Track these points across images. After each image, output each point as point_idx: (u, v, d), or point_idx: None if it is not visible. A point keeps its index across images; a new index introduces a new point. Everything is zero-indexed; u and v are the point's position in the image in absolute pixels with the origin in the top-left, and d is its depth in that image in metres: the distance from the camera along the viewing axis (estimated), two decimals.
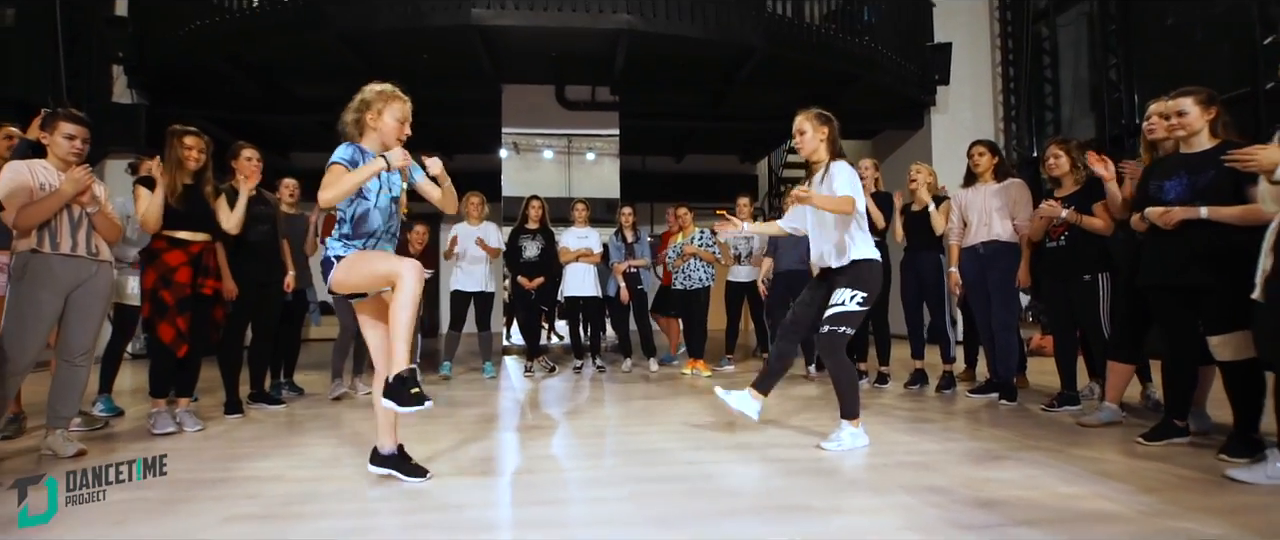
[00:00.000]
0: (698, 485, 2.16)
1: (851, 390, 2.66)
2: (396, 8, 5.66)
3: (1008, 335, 3.57)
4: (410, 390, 1.92)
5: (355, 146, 2.14)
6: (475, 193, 5.10)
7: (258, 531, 1.77)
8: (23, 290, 2.51)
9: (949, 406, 3.61)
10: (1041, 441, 2.70)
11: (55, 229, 2.58)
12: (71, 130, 2.65)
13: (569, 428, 3.16)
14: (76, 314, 2.65)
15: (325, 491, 2.12)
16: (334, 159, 2.07)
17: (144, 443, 2.83)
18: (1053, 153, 3.33)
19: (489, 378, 4.96)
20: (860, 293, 2.62)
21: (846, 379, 2.65)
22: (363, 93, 2.18)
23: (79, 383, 2.69)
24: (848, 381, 2.65)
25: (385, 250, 2.20)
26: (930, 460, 2.43)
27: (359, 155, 2.13)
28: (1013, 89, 8.25)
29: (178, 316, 2.96)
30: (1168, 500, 1.93)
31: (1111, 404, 2.96)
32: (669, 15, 5.89)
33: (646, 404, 3.80)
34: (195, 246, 3.05)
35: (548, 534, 1.75)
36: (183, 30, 6.43)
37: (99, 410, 3.39)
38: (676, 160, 11.15)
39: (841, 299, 2.63)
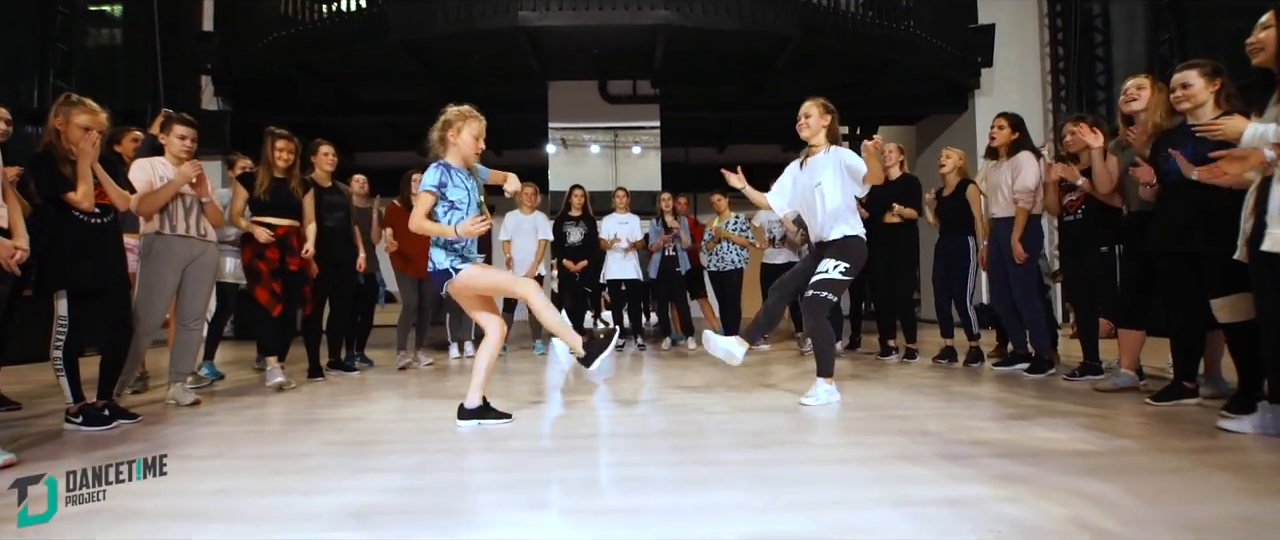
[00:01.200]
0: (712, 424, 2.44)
1: (828, 350, 2.93)
2: (450, 14, 6.11)
3: (1029, 307, 3.65)
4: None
5: (442, 167, 2.49)
6: (530, 183, 5.44)
7: (350, 451, 2.16)
8: (150, 266, 3.01)
9: (971, 377, 3.74)
10: (1053, 404, 2.84)
11: (172, 214, 3.07)
12: (183, 132, 3.14)
13: (606, 390, 3.48)
14: (191, 285, 3.14)
15: (398, 429, 2.51)
16: (424, 186, 2.46)
17: (243, 398, 3.31)
18: (1068, 129, 3.41)
19: (539, 354, 5.34)
20: (844, 263, 2.88)
21: (825, 340, 2.92)
22: (445, 113, 2.56)
23: (194, 343, 3.19)
24: (826, 342, 2.92)
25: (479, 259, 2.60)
26: (936, 414, 2.62)
27: (446, 175, 2.48)
28: (1062, 69, 8.08)
29: (273, 282, 3.46)
30: (1146, 445, 2.08)
31: (1127, 369, 3.05)
32: (705, 9, 6.12)
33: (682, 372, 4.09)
34: (280, 229, 3.52)
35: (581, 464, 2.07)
36: (261, 42, 7.10)
37: (204, 373, 3.93)
38: (719, 150, 11.33)
39: (826, 267, 2.89)
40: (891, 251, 4.41)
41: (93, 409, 2.56)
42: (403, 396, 3.29)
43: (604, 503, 1.63)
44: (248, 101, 7.99)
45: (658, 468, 1.90)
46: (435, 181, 2.45)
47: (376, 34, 6.33)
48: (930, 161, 7.82)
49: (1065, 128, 3.41)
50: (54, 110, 2.54)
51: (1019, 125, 3.76)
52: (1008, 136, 3.71)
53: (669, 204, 5.64)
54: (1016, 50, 8.19)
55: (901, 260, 4.45)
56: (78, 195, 2.49)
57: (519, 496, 1.67)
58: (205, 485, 1.79)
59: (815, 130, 3.01)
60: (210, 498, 1.68)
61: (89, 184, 2.54)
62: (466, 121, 2.53)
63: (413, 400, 3.17)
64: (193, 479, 1.85)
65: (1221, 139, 2.12)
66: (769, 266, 5.49)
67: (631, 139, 8.35)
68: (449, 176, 2.49)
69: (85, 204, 2.52)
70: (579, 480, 1.81)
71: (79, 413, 2.54)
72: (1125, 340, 3.03)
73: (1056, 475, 1.71)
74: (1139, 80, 3.00)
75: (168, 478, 1.80)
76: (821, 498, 1.59)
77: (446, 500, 1.64)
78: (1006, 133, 3.72)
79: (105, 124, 2.67)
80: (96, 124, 2.58)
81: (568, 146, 8.46)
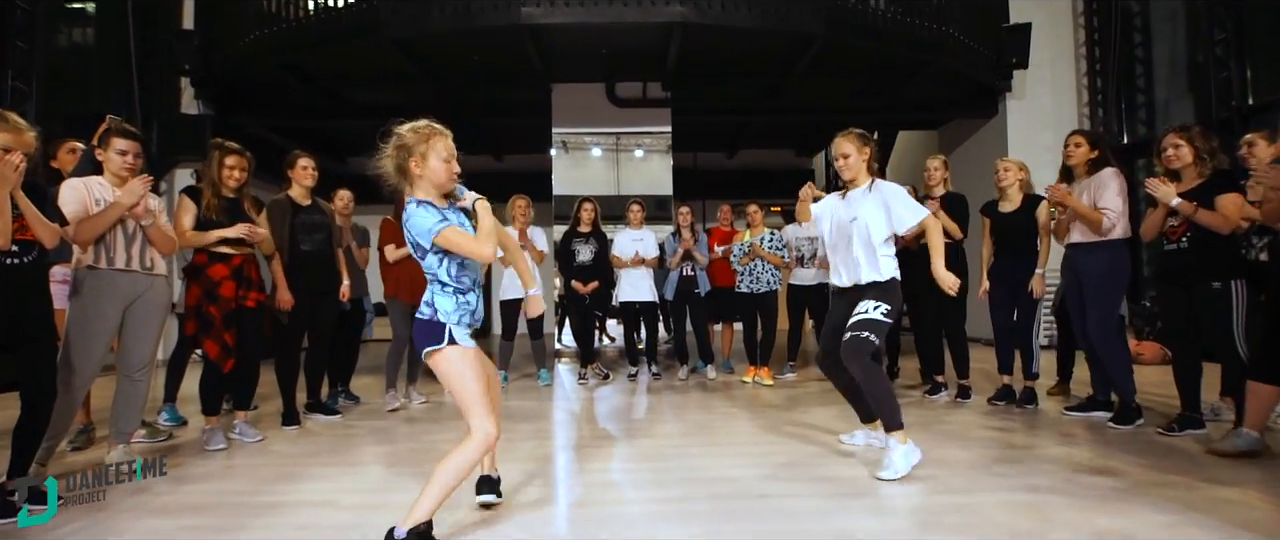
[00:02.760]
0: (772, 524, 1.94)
1: (888, 397, 2.49)
2: (447, 9, 5.60)
3: (1110, 349, 3.16)
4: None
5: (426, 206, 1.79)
6: (521, 197, 4.92)
7: None
8: (83, 304, 2.51)
9: (1041, 426, 3.25)
10: (1165, 475, 2.35)
11: (110, 244, 2.57)
12: (124, 145, 2.64)
13: (629, 449, 2.98)
14: (134, 328, 2.64)
15: (378, 522, 2.00)
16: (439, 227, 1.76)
17: (203, 457, 2.81)
18: (1172, 142, 2.93)
19: (544, 385, 4.84)
20: (886, 305, 2.57)
21: (879, 385, 2.51)
22: (398, 135, 1.84)
23: (139, 396, 2.68)
24: (881, 388, 2.51)
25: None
26: (1023, 497, 2.13)
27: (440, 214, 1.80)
28: (1099, 71, 7.60)
29: (224, 332, 2.95)
30: None
31: (1251, 430, 2.57)
32: (724, 6, 5.62)
33: (706, 418, 3.59)
34: (237, 259, 3.02)
35: None
36: (244, 41, 6.58)
37: (164, 421, 3.43)
38: (729, 156, 10.85)
39: (866, 307, 2.57)
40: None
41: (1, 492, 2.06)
42: (388, 462, 2.77)
43: None
44: (231, 104, 7.46)
45: None
46: (436, 223, 1.76)
47: (367, 31, 5.82)
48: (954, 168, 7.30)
49: (1167, 139, 2.93)
50: None
51: (1100, 142, 3.30)
52: (1087, 154, 3.25)
53: (687, 218, 5.14)
54: (1049, 51, 7.71)
55: None
56: None
57: None
58: None
59: (856, 170, 2.68)
60: None
61: (6, 217, 2.04)
62: (431, 142, 1.81)
63: (399, 469, 2.65)
64: None
65: None
66: (796, 288, 5.01)
67: (634, 142, 7.86)
68: (444, 214, 1.81)
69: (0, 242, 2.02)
70: None
71: None
72: (1254, 397, 2.53)
73: None
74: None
75: None
76: None
77: None
78: (1085, 150, 3.27)
79: (32, 144, 2.16)
80: (20, 144, 2.08)
81: (568, 150, 7.97)
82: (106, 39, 7.11)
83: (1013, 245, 3.66)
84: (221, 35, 6.90)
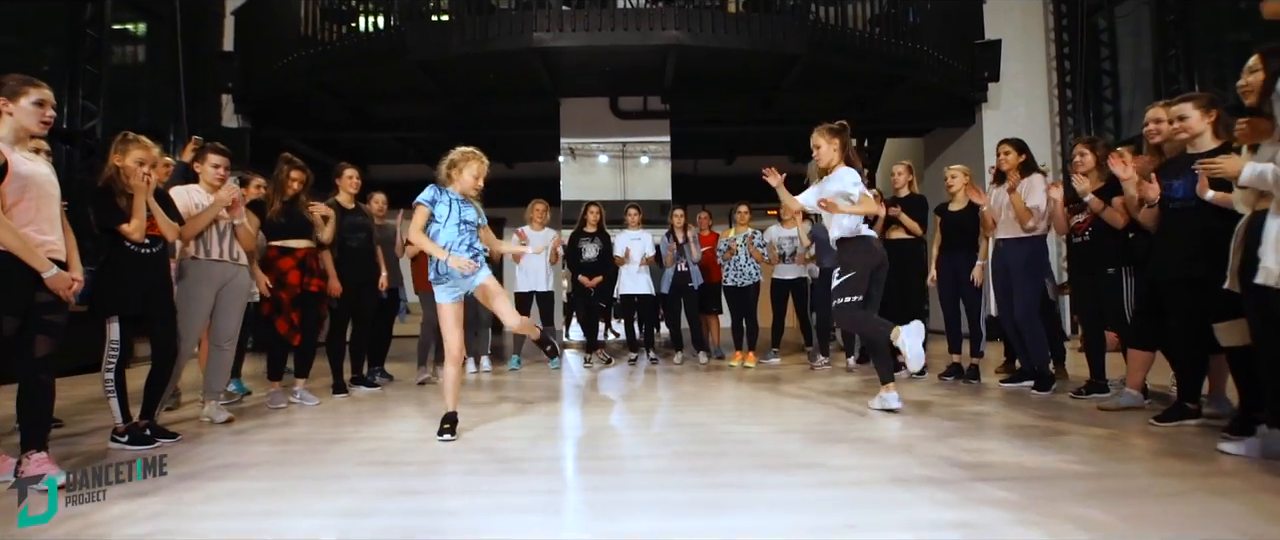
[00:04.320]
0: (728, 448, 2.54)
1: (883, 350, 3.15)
2: (467, 34, 6.26)
3: (1031, 325, 3.73)
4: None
5: (435, 187, 2.85)
6: (540, 201, 5.61)
7: (382, 468, 2.27)
8: (186, 288, 3.14)
9: (978, 393, 3.82)
10: (1060, 425, 2.92)
11: (206, 238, 3.20)
12: (217, 160, 3.29)
13: (623, 406, 3.59)
14: (223, 307, 3.27)
15: (424, 450, 2.62)
16: (419, 199, 2.80)
17: (271, 416, 3.43)
18: (1078, 150, 3.50)
19: (553, 368, 5.45)
20: (842, 268, 3.23)
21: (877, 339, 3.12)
22: (452, 155, 2.90)
23: (226, 362, 3.32)
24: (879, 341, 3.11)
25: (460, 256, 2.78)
26: (945, 435, 2.70)
27: (438, 195, 2.84)
28: (1068, 83, 8.16)
29: (292, 312, 3.58)
30: (1147, 467, 2.16)
31: (1132, 389, 3.13)
32: (715, 29, 6.24)
33: (696, 388, 4.18)
34: (300, 252, 3.65)
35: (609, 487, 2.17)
36: (281, 62, 7.27)
37: (232, 389, 4.06)
38: (727, 163, 11.44)
39: (834, 279, 3.24)
40: (900, 267, 4.52)
41: (137, 428, 2.69)
42: (425, 416, 3.40)
43: (635, 526, 1.72)
44: (266, 118, 8.17)
45: (680, 491, 2.00)
46: (429, 197, 2.81)
47: (394, 54, 6.49)
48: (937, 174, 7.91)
49: (1075, 148, 3.50)
50: (113, 147, 2.68)
51: (1024, 148, 3.87)
52: (1016, 160, 3.81)
53: (680, 220, 5.75)
54: (1023, 65, 8.28)
55: (910, 275, 4.55)
56: (131, 227, 2.62)
57: (552, 519, 1.77)
58: (256, 506, 1.90)
59: (828, 158, 3.26)
60: (260, 518, 1.80)
61: (143, 217, 2.67)
62: (467, 162, 2.87)
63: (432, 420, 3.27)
64: (243, 500, 1.96)
65: (1220, 176, 2.20)
66: (779, 282, 5.59)
67: (639, 149, 8.48)
68: (439, 196, 2.83)
69: (137, 236, 2.65)
70: (609, 503, 1.91)
71: (125, 432, 2.67)
72: (1133, 361, 3.11)
73: (1055, 501, 1.80)
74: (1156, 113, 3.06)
75: (220, 500, 1.91)
76: (836, 521, 1.68)
77: (481, 522, 1.75)
78: (1014, 156, 3.82)
79: (158, 159, 2.80)
80: (149, 159, 2.71)
81: (577, 157, 8.60)
82: (155, 60, 7.83)
83: (956, 240, 4.24)
84: (260, 56, 7.60)
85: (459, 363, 2.91)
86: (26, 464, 2.14)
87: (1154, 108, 3.02)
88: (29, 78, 2.30)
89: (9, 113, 2.22)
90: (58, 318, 2.31)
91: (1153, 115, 2.99)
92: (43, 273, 2.19)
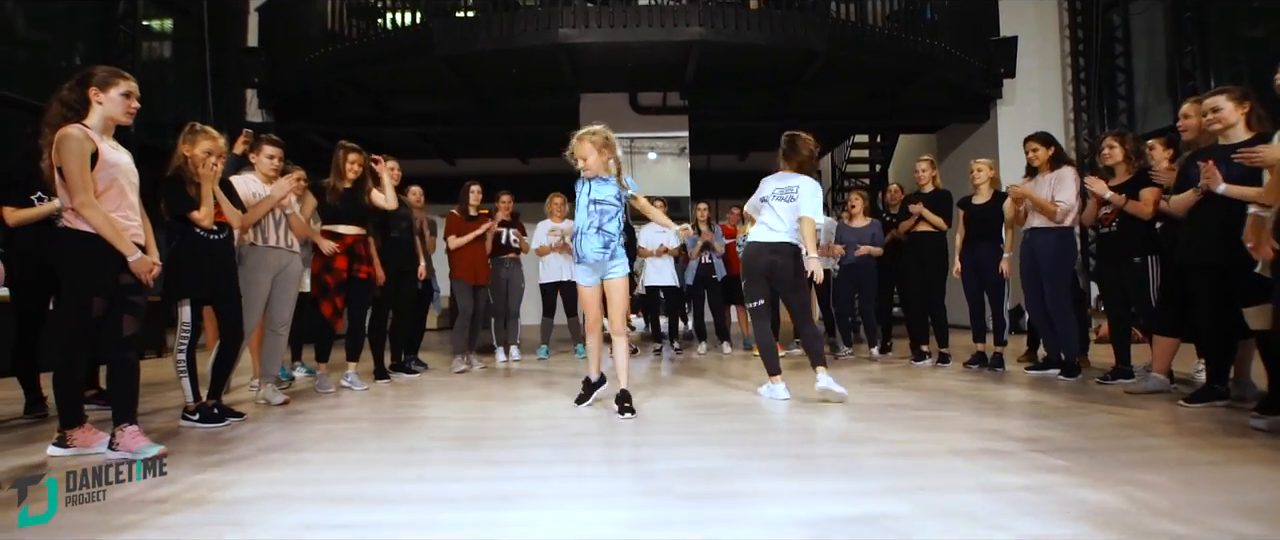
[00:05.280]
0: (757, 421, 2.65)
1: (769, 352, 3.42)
2: (493, 30, 6.36)
3: (1062, 317, 3.82)
4: None
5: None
6: (558, 193, 5.68)
7: (461, 442, 2.38)
8: (245, 274, 3.25)
9: (1004, 381, 3.92)
10: (1091, 405, 3.02)
11: (264, 227, 3.31)
12: (272, 151, 3.40)
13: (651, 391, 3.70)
14: (278, 292, 3.38)
15: (489, 425, 2.73)
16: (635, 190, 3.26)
17: (321, 398, 3.54)
18: (1108, 144, 3.60)
19: (580, 358, 5.56)
20: None
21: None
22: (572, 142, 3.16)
23: (281, 346, 3.44)
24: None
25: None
26: (979, 414, 2.81)
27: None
28: (1083, 79, 8.24)
29: (336, 296, 3.69)
30: (1183, 442, 2.27)
31: (1158, 374, 3.23)
32: (737, 26, 6.34)
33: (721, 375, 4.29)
34: (349, 238, 3.76)
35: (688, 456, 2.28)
36: (307, 57, 7.38)
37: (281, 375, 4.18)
38: (741, 158, 11.53)
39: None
40: (922, 259, 4.68)
41: (206, 408, 2.81)
42: (474, 398, 3.51)
43: (721, 487, 1.82)
44: (290, 112, 8.28)
45: (751, 461, 2.11)
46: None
47: (421, 50, 6.59)
48: (950, 169, 8.01)
49: (1104, 141, 3.60)
50: (182, 137, 2.78)
51: (1052, 141, 3.96)
52: (1046, 155, 3.90)
53: (704, 213, 5.86)
54: (1038, 61, 8.36)
55: (932, 267, 4.66)
56: (200, 214, 2.74)
57: (640, 484, 1.88)
58: (352, 473, 2.02)
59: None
60: (359, 484, 1.91)
61: (211, 205, 2.78)
62: (580, 143, 3.18)
63: (487, 402, 3.38)
64: (336, 468, 2.07)
65: (1260, 164, 2.30)
66: None
67: (647, 146, 8.57)
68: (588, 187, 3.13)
69: (206, 222, 2.76)
70: (692, 470, 2.01)
71: (196, 410, 2.78)
72: (1158, 346, 3.21)
73: (1108, 468, 1.90)
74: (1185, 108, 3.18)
75: (314, 466, 2.03)
76: (907, 484, 1.79)
77: (571, 487, 1.86)
78: (1043, 152, 3.91)
79: (224, 149, 2.91)
80: (216, 150, 2.82)
81: None
82: (182, 55, 7.94)
83: (981, 232, 4.34)
84: (285, 51, 7.71)
85: (597, 332, 3.19)
86: (121, 437, 2.25)
87: (1189, 102, 3.13)
88: (117, 70, 2.41)
89: (99, 102, 2.32)
90: (140, 299, 2.42)
91: (1186, 112, 3.10)
92: (128, 256, 2.30)
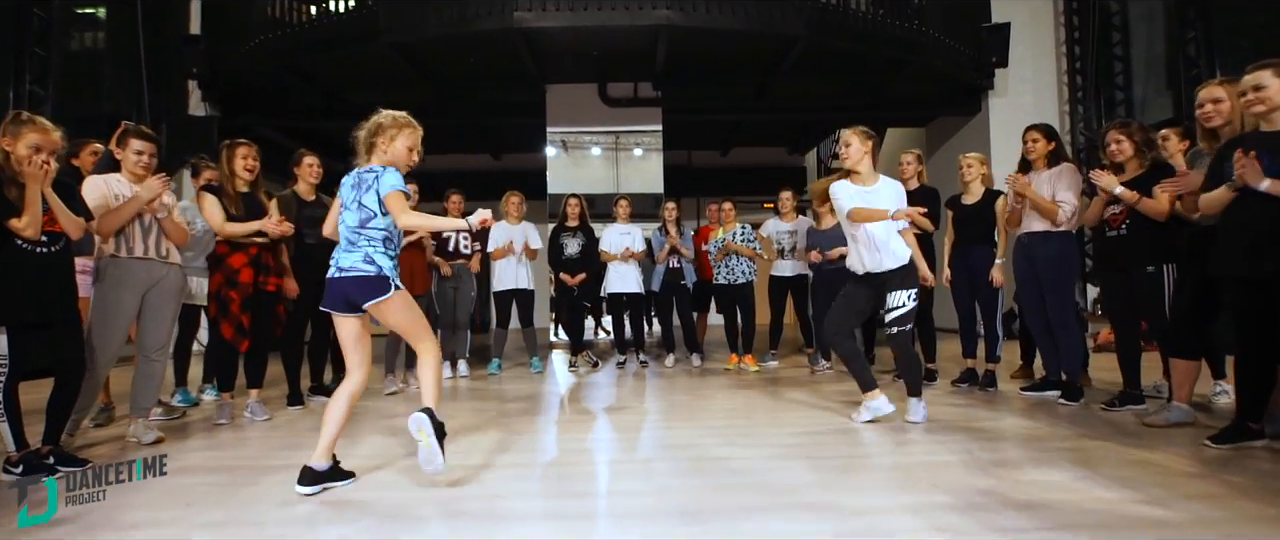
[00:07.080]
0: (724, 480, 2.17)
1: (918, 372, 3.09)
2: (444, 15, 5.85)
3: (1066, 331, 3.37)
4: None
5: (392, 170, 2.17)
6: (515, 193, 5.16)
7: (311, 516, 1.89)
8: (104, 291, 2.75)
9: (999, 404, 3.47)
10: (1097, 442, 2.57)
11: (129, 235, 2.80)
12: (140, 146, 2.87)
13: (608, 421, 3.22)
14: (151, 312, 2.87)
15: (375, 481, 2.24)
16: (397, 187, 2.11)
17: (212, 434, 3.05)
18: (1114, 137, 3.14)
19: (536, 372, 5.07)
20: (912, 290, 2.97)
21: (915, 363, 3.07)
22: (378, 117, 2.24)
23: (156, 375, 2.92)
24: (916, 365, 3.09)
25: None
26: (972, 459, 2.35)
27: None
28: (1079, 69, 7.81)
29: (241, 315, 3.20)
30: (1223, 507, 1.81)
31: (1181, 403, 2.78)
32: (708, 9, 5.86)
33: (689, 398, 3.82)
34: (253, 249, 3.26)
35: (574, 526, 1.80)
36: (249, 45, 6.84)
37: (177, 401, 3.67)
38: (722, 154, 11.08)
39: (901, 300, 2.96)
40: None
41: (35, 456, 2.31)
42: (387, 432, 3.02)
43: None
44: (237, 106, 7.74)
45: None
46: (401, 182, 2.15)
47: (367, 36, 6.08)
48: (940, 164, 7.57)
49: (1109, 134, 3.14)
50: (3, 129, 2.27)
51: (1053, 135, 3.51)
52: (1045, 148, 3.45)
53: (672, 213, 5.38)
54: (1031, 50, 7.92)
55: None
56: (21, 223, 2.23)
57: None
58: None
59: (858, 159, 3.02)
60: None
61: (37, 211, 2.28)
62: (401, 130, 2.21)
63: (394, 438, 2.89)
64: None
65: None
66: (777, 279, 5.23)
67: (633, 141, 8.10)
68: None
69: (29, 233, 2.26)
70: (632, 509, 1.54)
71: (20, 461, 2.28)
72: (1178, 373, 2.75)
73: None
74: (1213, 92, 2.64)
75: None
76: None
77: None
78: (1043, 145, 3.46)
79: (59, 144, 2.40)
80: (48, 144, 2.32)
81: (568, 150, 8.22)
82: (118, 44, 7.37)
83: (972, 234, 3.88)
84: (227, 40, 7.16)
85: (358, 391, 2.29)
86: None
87: (1208, 86, 2.65)
88: None
89: None
90: None
91: (1209, 95, 2.62)
92: None
